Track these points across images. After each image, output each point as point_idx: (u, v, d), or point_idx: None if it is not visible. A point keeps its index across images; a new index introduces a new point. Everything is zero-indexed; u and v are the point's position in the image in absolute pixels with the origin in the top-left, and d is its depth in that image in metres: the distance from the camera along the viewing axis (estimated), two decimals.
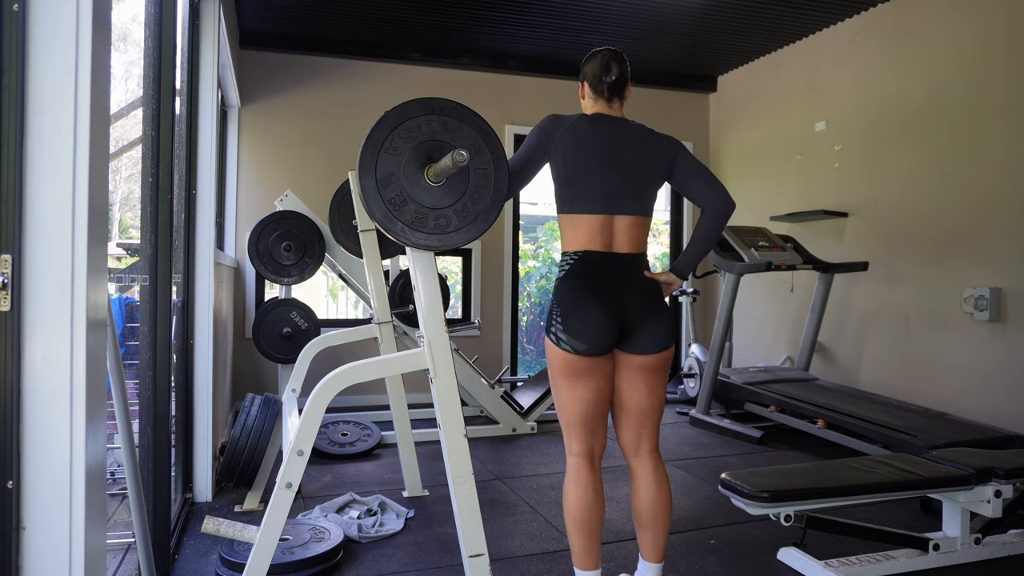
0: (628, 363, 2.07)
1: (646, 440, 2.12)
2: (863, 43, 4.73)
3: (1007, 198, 3.81)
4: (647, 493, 2.10)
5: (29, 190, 1.18)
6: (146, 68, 2.40)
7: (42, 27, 1.18)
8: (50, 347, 1.19)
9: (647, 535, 2.11)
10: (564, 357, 2.02)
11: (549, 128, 2.08)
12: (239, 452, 2.97)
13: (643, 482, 2.11)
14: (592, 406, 2.05)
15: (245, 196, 5.20)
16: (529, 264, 8.73)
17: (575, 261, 2.05)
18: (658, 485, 2.10)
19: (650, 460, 2.12)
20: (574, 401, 2.05)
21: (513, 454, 4.08)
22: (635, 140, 2.09)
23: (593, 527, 2.04)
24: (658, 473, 2.11)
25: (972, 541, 2.50)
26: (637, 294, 2.05)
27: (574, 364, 2.01)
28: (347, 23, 5.03)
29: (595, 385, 2.04)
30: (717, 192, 2.11)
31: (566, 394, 2.05)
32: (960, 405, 3.98)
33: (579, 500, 2.03)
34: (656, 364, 2.07)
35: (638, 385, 2.08)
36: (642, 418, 2.10)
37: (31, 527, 1.18)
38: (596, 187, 2.04)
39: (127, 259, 4.51)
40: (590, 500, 2.03)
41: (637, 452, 2.13)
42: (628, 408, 2.10)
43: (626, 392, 2.09)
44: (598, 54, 2.14)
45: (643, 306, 2.04)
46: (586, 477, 2.05)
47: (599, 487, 2.06)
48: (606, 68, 2.11)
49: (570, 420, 2.07)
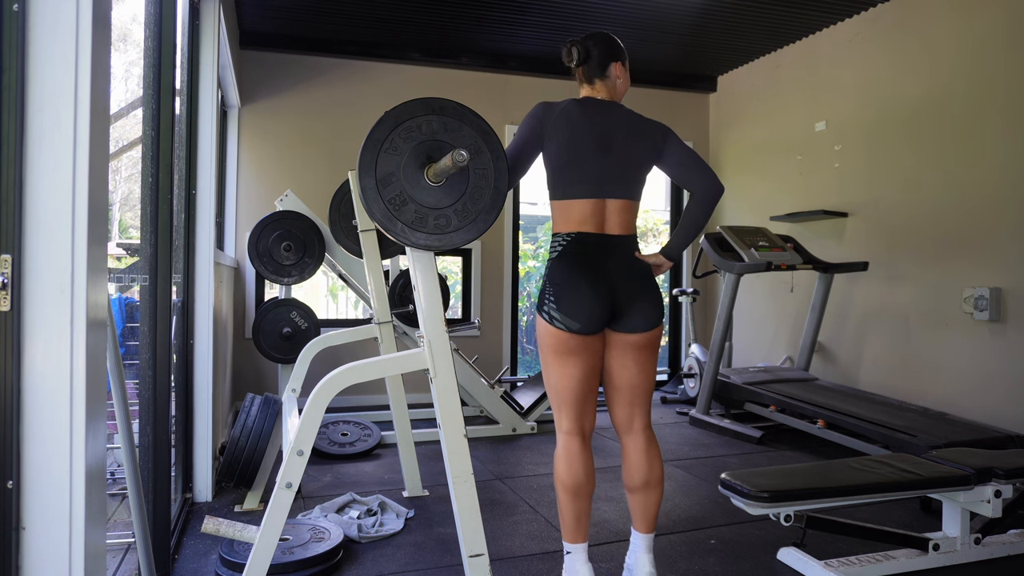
0: (619, 342, 2.11)
1: (638, 417, 2.16)
2: (863, 43, 4.73)
3: (1007, 198, 3.81)
4: (637, 459, 2.14)
5: (29, 190, 1.18)
6: (146, 68, 2.40)
7: (42, 27, 1.18)
8: (50, 347, 1.19)
9: (637, 498, 2.14)
10: (556, 335, 2.06)
11: (541, 115, 2.11)
12: (239, 452, 2.97)
13: (635, 455, 2.15)
14: (582, 383, 2.09)
15: (245, 196, 5.20)
16: (529, 264, 8.73)
17: (568, 242, 2.09)
18: (649, 457, 2.14)
19: (642, 436, 2.16)
20: (564, 379, 2.09)
21: (513, 454, 4.08)
22: (625, 125, 2.13)
23: (582, 500, 2.09)
24: (650, 447, 2.15)
25: (972, 541, 2.49)
26: (628, 274, 2.09)
27: (566, 342, 2.05)
28: (347, 23, 5.03)
29: (585, 363, 2.08)
30: (705, 176, 2.15)
31: (557, 372, 2.10)
32: (960, 405, 3.97)
33: (569, 475, 2.08)
34: (646, 342, 2.11)
35: (628, 363, 2.12)
36: (633, 396, 2.15)
37: (31, 527, 1.18)
38: (588, 172, 2.08)
39: (127, 259, 4.51)
40: (580, 476, 2.08)
41: (630, 429, 2.17)
42: (619, 386, 2.15)
43: (617, 371, 2.14)
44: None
45: (633, 286, 2.09)
46: (576, 453, 2.09)
47: (590, 463, 2.11)
48: (567, 54, 2.18)
49: (560, 398, 2.11)
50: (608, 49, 2.17)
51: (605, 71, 2.17)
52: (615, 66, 2.18)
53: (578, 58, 2.16)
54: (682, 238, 2.19)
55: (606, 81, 2.18)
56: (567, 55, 2.18)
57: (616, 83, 2.20)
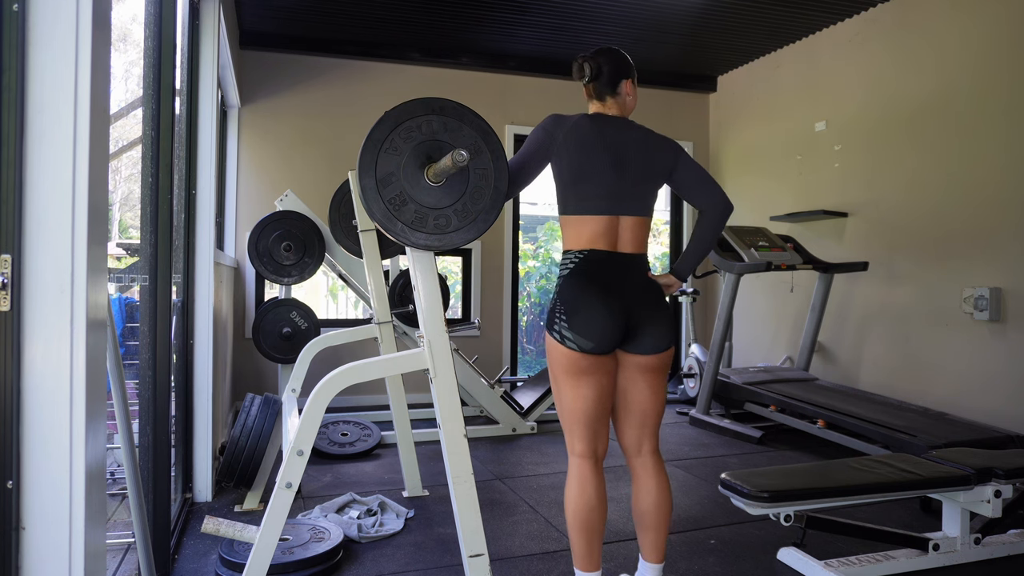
0: (630, 363, 2.07)
1: (647, 440, 2.12)
2: (863, 43, 4.73)
3: (1007, 198, 3.81)
4: (648, 495, 2.09)
5: (29, 190, 1.18)
6: (146, 68, 2.40)
7: (42, 27, 1.18)
8: (50, 347, 1.19)
9: (648, 536, 2.10)
10: (568, 355, 2.00)
11: (551, 129, 2.07)
12: (239, 452, 2.97)
13: (644, 484, 2.11)
14: (596, 404, 2.03)
15: (245, 196, 5.20)
16: (529, 264, 8.73)
17: (580, 260, 2.04)
18: (659, 487, 2.10)
19: (651, 460, 2.12)
20: (577, 400, 2.02)
21: (513, 454, 4.08)
22: (637, 142, 2.10)
23: (595, 529, 2.01)
24: (659, 474, 2.11)
25: (972, 541, 2.49)
26: (641, 294, 2.05)
27: (578, 362, 1.99)
28: (347, 23, 5.03)
29: (598, 383, 2.02)
30: (715, 195, 2.12)
31: (569, 393, 2.03)
32: (960, 405, 3.97)
33: (582, 502, 2.01)
34: (657, 364, 2.07)
35: (640, 385, 2.08)
36: (644, 419, 2.10)
37: (31, 527, 1.18)
38: (601, 188, 2.04)
39: (127, 259, 4.51)
40: (593, 502, 2.01)
41: (639, 452, 2.12)
42: (630, 409, 2.10)
43: (628, 392, 2.09)
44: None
45: (646, 306, 2.04)
46: (589, 478, 2.03)
47: (602, 489, 2.04)
48: (579, 70, 2.15)
49: (573, 419, 2.04)
50: (619, 66, 2.14)
51: (616, 88, 2.13)
52: (626, 83, 2.15)
53: (590, 74, 2.13)
54: (692, 257, 2.17)
55: (616, 98, 2.14)
56: (578, 71, 2.14)
57: (626, 100, 2.16)
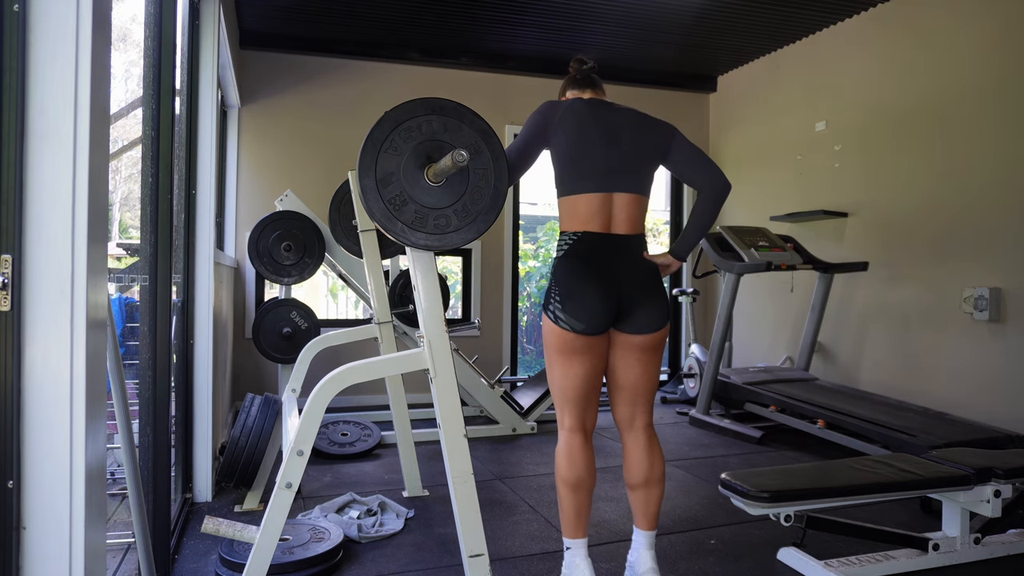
0: (624, 342, 2.12)
1: (640, 416, 2.18)
2: (863, 43, 4.73)
3: (1007, 198, 3.81)
4: (638, 455, 2.17)
5: (29, 190, 1.18)
6: (146, 68, 2.40)
7: (42, 27, 1.18)
8: (50, 347, 1.19)
9: (638, 495, 2.17)
10: (561, 335, 2.07)
11: (547, 112, 2.14)
12: (239, 452, 2.97)
13: (634, 449, 2.18)
14: (586, 382, 2.11)
15: (245, 196, 5.20)
16: (529, 264, 8.73)
17: (574, 241, 2.09)
18: (650, 451, 2.17)
19: (644, 434, 2.19)
20: (568, 378, 2.11)
21: (513, 454, 4.08)
22: (631, 122, 2.16)
23: (582, 496, 2.12)
24: (651, 444, 2.18)
25: (972, 541, 2.50)
26: (635, 275, 2.09)
27: (571, 342, 2.07)
28: (347, 23, 5.02)
29: (590, 363, 2.10)
30: (712, 173, 2.16)
31: (561, 371, 2.12)
32: (960, 405, 3.97)
33: (571, 470, 2.11)
34: (652, 343, 2.12)
35: (633, 363, 2.14)
36: (636, 395, 2.17)
37: (31, 527, 1.18)
38: (595, 165, 2.09)
39: (127, 259, 4.51)
40: (581, 470, 2.11)
41: (631, 427, 2.19)
42: (623, 385, 2.17)
43: (621, 370, 2.15)
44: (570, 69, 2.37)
45: (640, 287, 2.09)
46: (578, 450, 2.12)
47: (591, 459, 2.14)
48: (580, 62, 2.30)
49: (564, 396, 2.13)
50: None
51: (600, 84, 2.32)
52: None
53: (591, 64, 2.28)
54: (691, 237, 2.20)
55: (603, 92, 2.31)
56: (579, 60, 2.30)
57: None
